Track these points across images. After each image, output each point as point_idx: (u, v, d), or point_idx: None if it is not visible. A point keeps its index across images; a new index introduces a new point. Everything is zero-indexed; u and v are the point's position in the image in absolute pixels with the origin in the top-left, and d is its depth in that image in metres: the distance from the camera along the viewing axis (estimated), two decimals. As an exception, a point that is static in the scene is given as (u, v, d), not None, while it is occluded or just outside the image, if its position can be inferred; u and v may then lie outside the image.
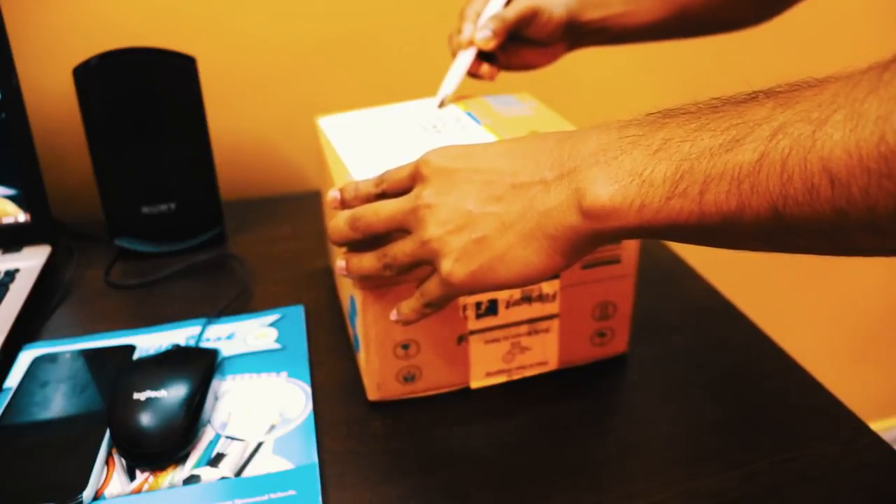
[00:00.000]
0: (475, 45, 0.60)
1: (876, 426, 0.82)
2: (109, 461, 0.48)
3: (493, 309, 0.52)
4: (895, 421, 1.44)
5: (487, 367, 0.54)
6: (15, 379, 0.55)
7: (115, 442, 0.48)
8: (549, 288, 0.53)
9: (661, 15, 0.63)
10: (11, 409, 0.51)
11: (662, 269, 0.70)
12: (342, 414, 0.53)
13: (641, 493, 0.46)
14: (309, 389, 0.54)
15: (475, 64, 0.62)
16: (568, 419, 0.52)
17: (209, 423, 0.51)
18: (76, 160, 0.77)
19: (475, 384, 0.55)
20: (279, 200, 0.86)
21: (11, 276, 0.66)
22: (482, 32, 0.59)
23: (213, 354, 0.54)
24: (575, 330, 0.55)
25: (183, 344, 0.59)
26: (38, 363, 0.56)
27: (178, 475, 0.47)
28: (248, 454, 0.48)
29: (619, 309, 0.55)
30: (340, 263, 0.47)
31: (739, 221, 0.31)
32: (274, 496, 0.45)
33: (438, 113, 0.60)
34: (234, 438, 0.50)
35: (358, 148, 0.55)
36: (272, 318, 0.63)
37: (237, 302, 0.66)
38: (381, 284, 0.49)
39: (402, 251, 0.42)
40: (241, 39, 0.83)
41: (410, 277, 0.47)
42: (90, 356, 0.57)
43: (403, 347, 0.52)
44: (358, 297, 0.49)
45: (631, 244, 0.53)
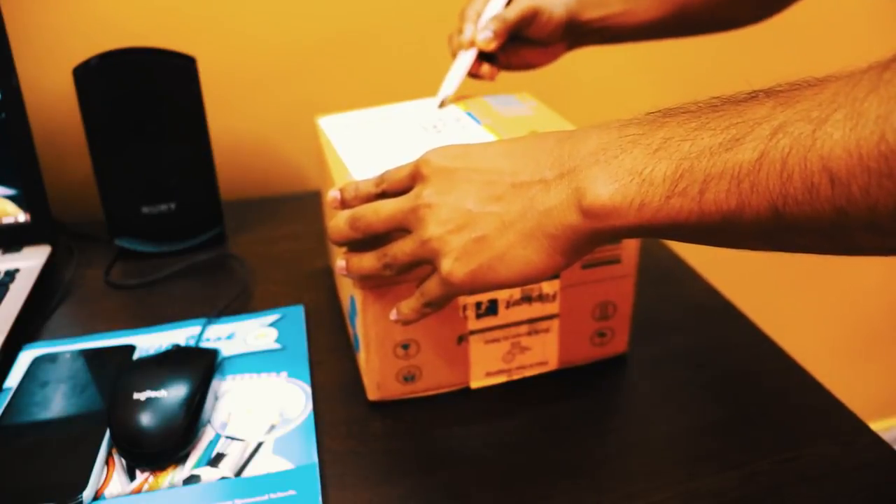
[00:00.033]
0: (476, 46, 0.60)
1: (876, 426, 0.82)
2: (109, 461, 0.48)
3: (493, 309, 0.52)
4: (895, 421, 1.44)
5: (487, 367, 0.54)
6: (15, 379, 0.55)
7: (115, 442, 0.48)
8: (549, 288, 0.53)
9: (659, 14, 0.63)
10: (11, 409, 0.51)
11: (662, 268, 0.70)
12: (342, 414, 0.53)
13: (641, 493, 0.46)
14: (309, 389, 0.54)
15: (476, 64, 0.62)
16: (568, 419, 0.52)
17: (209, 423, 0.51)
18: (76, 160, 0.77)
19: (475, 384, 0.55)
20: (279, 200, 0.86)
21: (11, 276, 0.66)
22: (483, 33, 0.59)
23: (213, 354, 0.54)
24: (575, 330, 0.55)
25: (183, 344, 0.59)
26: (38, 363, 0.56)
27: (178, 475, 0.47)
28: (248, 454, 0.48)
29: (619, 309, 0.55)
30: (340, 263, 0.47)
31: (739, 220, 0.31)
32: (274, 496, 0.45)
33: (438, 113, 0.60)
34: (234, 438, 0.50)
35: (358, 148, 0.55)
36: (272, 318, 0.63)
37: (237, 302, 0.66)
38: (381, 284, 0.49)
39: (402, 251, 0.42)
40: (241, 39, 0.83)
41: (410, 277, 0.47)
42: (90, 356, 0.57)
43: (403, 347, 0.52)
44: (358, 296, 0.49)
45: (631, 244, 0.53)
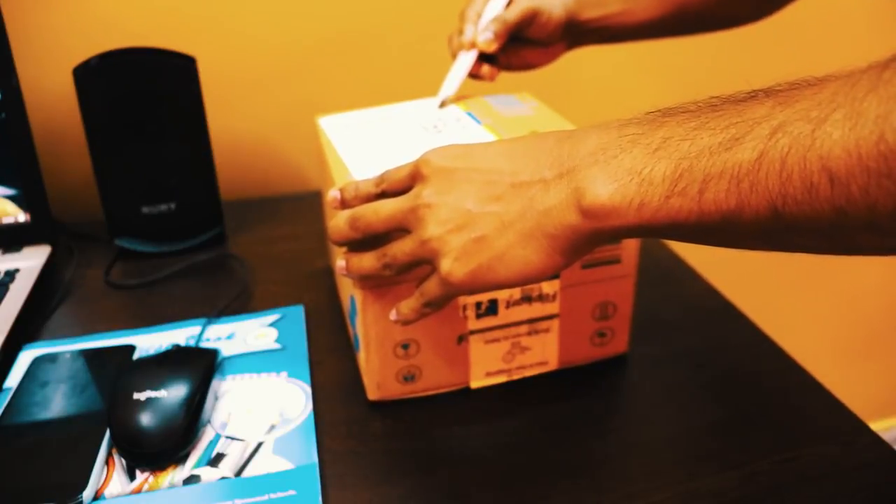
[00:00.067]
0: (477, 47, 0.60)
1: (876, 426, 0.82)
2: (109, 461, 0.48)
3: (493, 309, 0.52)
4: (895, 421, 1.44)
5: (487, 366, 0.54)
6: (15, 379, 0.55)
7: (115, 442, 0.48)
8: (549, 288, 0.53)
9: (658, 13, 0.63)
10: (11, 409, 0.51)
11: (662, 268, 0.70)
12: (342, 414, 0.53)
13: (641, 493, 0.46)
14: (309, 389, 0.54)
15: (476, 65, 0.62)
16: (568, 419, 0.52)
17: (209, 423, 0.51)
18: (76, 160, 0.77)
19: (475, 384, 0.55)
20: (279, 200, 0.86)
21: (11, 276, 0.66)
22: (484, 35, 0.59)
23: (213, 354, 0.54)
24: (575, 330, 0.55)
25: (183, 344, 0.59)
26: (38, 363, 0.56)
27: (178, 475, 0.47)
28: (248, 454, 0.48)
29: (619, 309, 0.55)
30: (340, 263, 0.47)
31: (739, 220, 0.31)
32: (274, 496, 0.45)
33: (439, 113, 0.60)
34: (234, 438, 0.50)
35: (358, 148, 0.55)
36: (272, 318, 0.63)
37: (237, 302, 0.66)
38: (381, 284, 0.49)
39: (401, 251, 0.42)
40: (241, 39, 0.83)
41: (410, 277, 0.47)
42: (90, 356, 0.57)
43: (403, 347, 0.52)
44: (358, 296, 0.49)
45: (631, 244, 0.53)
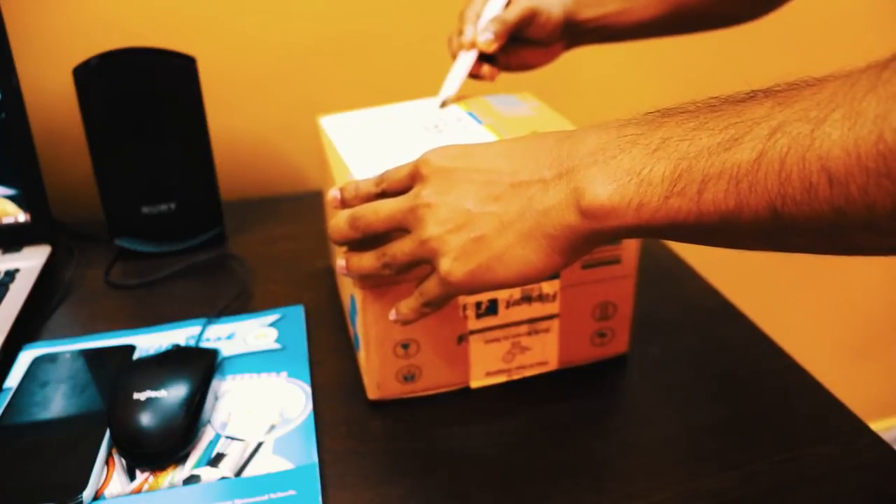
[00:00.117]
0: (477, 47, 0.60)
1: (876, 426, 0.82)
2: (109, 461, 0.48)
3: (493, 309, 0.52)
4: (895, 421, 1.44)
5: (487, 366, 0.54)
6: (15, 379, 0.55)
7: (115, 442, 0.48)
8: (549, 288, 0.53)
9: (657, 12, 0.63)
10: (11, 409, 0.51)
11: (662, 268, 0.70)
12: (342, 414, 0.53)
13: (641, 493, 0.46)
14: (309, 389, 0.54)
15: (476, 65, 0.62)
16: (568, 419, 0.52)
17: (209, 423, 0.51)
18: (76, 160, 0.77)
19: (475, 384, 0.55)
20: (279, 200, 0.86)
21: (11, 276, 0.66)
22: (484, 35, 0.60)
23: (213, 354, 0.54)
24: (575, 330, 0.55)
25: (183, 344, 0.59)
26: (38, 363, 0.56)
27: (178, 475, 0.47)
28: (248, 454, 0.48)
29: (619, 309, 0.55)
30: (340, 262, 0.47)
31: (738, 220, 0.31)
32: (274, 496, 0.45)
33: (440, 113, 0.60)
34: (234, 438, 0.50)
35: (359, 147, 0.55)
36: (272, 318, 0.63)
37: (237, 302, 0.66)
38: (381, 283, 0.49)
39: (401, 250, 0.42)
40: (241, 39, 0.83)
41: (410, 277, 0.47)
42: (90, 356, 0.57)
43: (403, 347, 0.52)
44: (358, 296, 0.49)
45: (631, 244, 0.53)
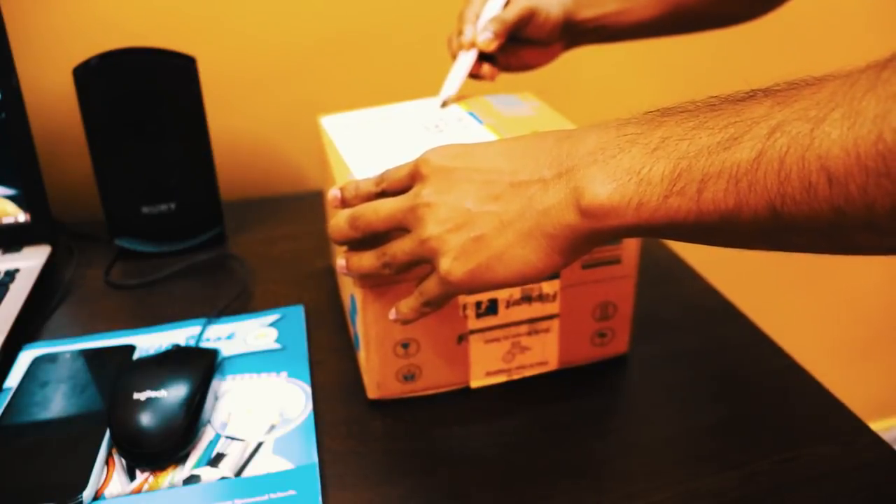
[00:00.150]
0: (477, 47, 0.60)
1: (876, 426, 0.82)
2: (109, 461, 0.48)
3: (493, 308, 0.52)
4: (895, 421, 1.44)
5: (487, 366, 0.54)
6: (15, 379, 0.55)
7: (115, 442, 0.48)
8: (549, 288, 0.53)
9: (656, 12, 0.63)
10: (11, 409, 0.51)
11: (662, 268, 0.70)
12: (342, 414, 0.53)
13: (641, 493, 0.46)
14: (309, 389, 0.54)
15: (476, 65, 0.62)
16: (568, 419, 0.52)
17: (209, 423, 0.51)
18: (76, 160, 0.77)
19: (475, 384, 0.55)
20: (279, 200, 0.86)
21: (11, 276, 0.66)
22: (484, 34, 0.60)
23: (213, 354, 0.54)
24: (575, 330, 0.55)
25: (183, 344, 0.59)
26: (38, 363, 0.56)
27: (178, 475, 0.47)
28: (248, 454, 0.48)
29: (619, 309, 0.55)
30: (341, 262, 0.47)
31: (737, 220, 0.31)
32: (274, 496, 0.45)
33: (440, 112, 0.60)
34: (234, 438, 0.50)
35: (360, 147, 0.55)
36: (272, 318, 0.63)
37: (237, 302, 0.66)
38: (381, 283, 0.49)
39: (401, 250, 0.42)
40: (241, 39, 0.83)
41: (410, 276, 0.47)
42: (90, 356, 0.57)
43: (403, 346, 0.52)
44: (358, 295, 0.49)
45: (631, 245, 0.53)
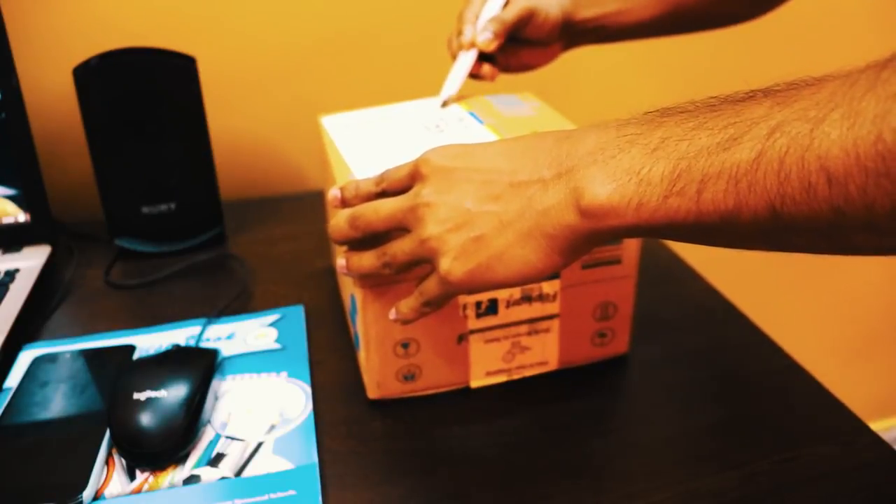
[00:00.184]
0: (477, 46, 0.60)
1: (876, 426, 0.82)
2: (109, 461, 0.48)
3: (493, 308, 0.52)
4: (895, 421, 1.44)
5: (487, 366, 0.54)
6: (15, 379, 0.55)
7: (115, 442, 0.48)
8: (549, 288, 0.53)
9: (655, 12, 0.63)
10: (11, 409, 0.51)
11: (662, 268, 0.70)
12: (342, 414, 0.53)
13: (641, 493, 0.46)
14: (309, 389, 0.54)
15: (476, 65, 0.62)
16: (568, 419, 0.52)
17: (209, 423, 0.51)
18: (76, 160, 0.77)
19: (475, 383, 0.55)
20: (279, 200, 0.86)
21: (11, 276, 0.66)
22: (483, 35, 0.60)
23: (213, 354, 0.54)
24: (575, 330, 0.55)
25: (183, 344, 0.59)
26: (38, 363, 0.56)
27: (178, 475, 0.47)
28: (248, 454, 0.48)
29: (619, 310, 0.55)
30: (341, 262, 0.47)
31: (737, 220, 0.31)
32: (274, 496, 0.45)
33: (441, 112, 0.60)
34: (234, 438, 0.50)
35: (360, 147, 0.55)
36: (272, 318, 0.63)
37: (237, 302, 0.66)
38: (381, 283, 0.49)
39: (401, 249, 0.42)
40: (241, 39, 0.83)
41: (411, 276, 0.47)
42: (90, 356, 0.57)
43: (403, 346, 0.52)
44: (358, 295, 0.49)
45: (631, 245, 0.53)
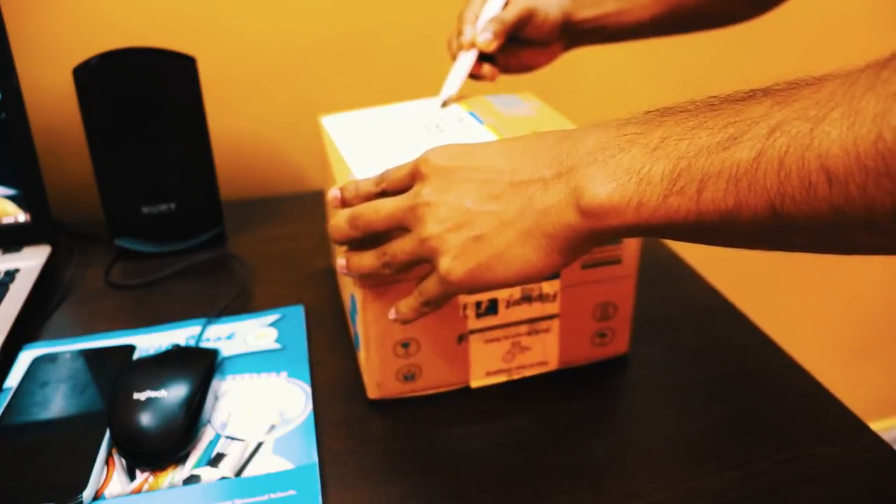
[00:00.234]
0: (477, 47, 0.60)
1: (876, 426, 0.82)
2: (109, 461, 0.48)
3: (493, 308, 0.52)
4: (895, 421, 1.44)
5: (487, 366, 0.54)
6: (15, 379, 0.55)
7: (115, 442, 0.48)
8: (549, 288, 0.53)
9: (655, 12, 0.63)
10: (11, 409, 0.51)
11: (662, 268, 0.70)
12: (342, 414, 0.53)
13: (641, 493, 0.46)
14: (309, 389, 0.54)
15: (476, 65, 0.62)
16: (568, 419, 0.52)
17: (209, 423, 0.51)
18: (76, 160, 0.77)
19: (475, 383, 0.55)
20: (279, 200, 0.86)
21: (11, 276, 0.66)
22: (483, 35, 0.60)
23: (213, 354, 0.54)
24: (575, 330, 0.55)
25: (183, 344, 0.59)
26: (38, 363, 0.56)
27: (178, 475, 0.47)
28: (248, 454, 0.48)
29: (619, 309, 0.55)
30: (341, 262, 0.47)
31: (737, 220, 0.31)
32: (274, 496, 0.45)
33: (441, 112, 0.60)
34: (234, 438, 0.50)
35: (361, 147, 0.55)
36: (272, 318, 0.63)
37: (237, 302, 0.66)
38: (381, 283, 0.49)
39: (401, 249, 0.42)
40: (241, 39, 0.83)
41: (411, 276, 0.47)
42: (90, 356, 0.57)
43: (403, 346, 0.52)
44: (358, 295, 0.49)
45: (631, 244, 0.53)
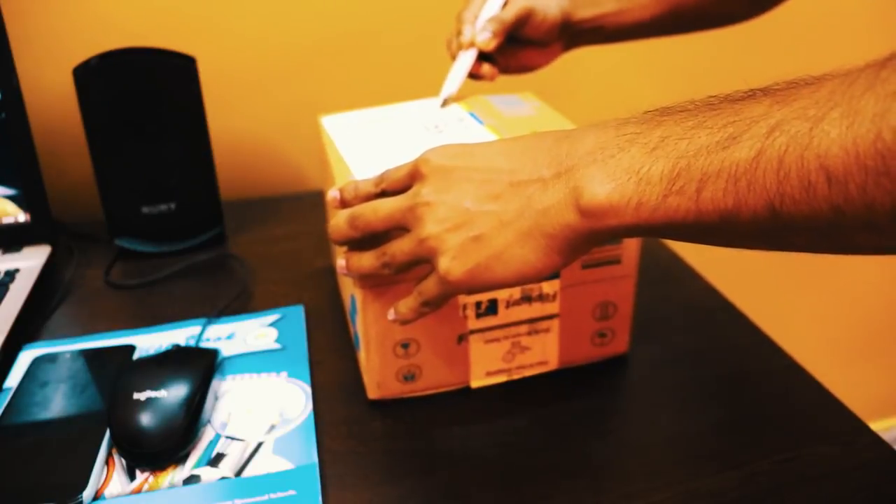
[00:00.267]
0: (476, 46, 0.60)
1: (876, 426, 0.82)
2: (109, 461, 0.48)
3: (493, 308, 0.52)
4: (895, 421, 1.44)
5: (487, 366, 0.54)
6: (15, 379, 0.55)
7: (115, 442, 0.48)
8: (549, 288, 0.53)
9: (654, 12, 0.63)
10: (11, 409, 0.51)
11: (662, 268, 0.70)
12: (342, 414, 0.53)
13: (641, 493, 0.46)
14: (309, 389, 0.54)
15: (476, 65, 0.62)
16: (568, 419, 0.52)
17: (209, 423, 0.51)
18: (76, 160, 0.77)
19: (475, 384, 0.55)
20: (279, 200, 0.86)
21: (11, 276, 0.66)
22: (483, 34, 0.60)
23: (213, 354, 0.54)
24: (575, 330, 0.55)
25: (183, 344, 0.59)
26: (38, 363, 0.56)
27: (178, 475, 0.47)
28: (248, 454, 0.48)
29: (619, 309, 0.55)
30: (340, 262, 0.47)
31: (736, 219, 0.31)
32: (274, 496, 0.45)
33: (441, 113, 0.60)
34: (234, 438, 0.50)
35: (360, 147, 0.55)
36: (272, 318, 0.63)
37: (237, 302, 0.66)
38: (381, 283, 0.49)
39: (400, 249, 0.42)
40: (241, 39, 0.83)
41: (410, 276, 0.47)
42: (90, 356, 0.57)
43: (403, 346, 0.52)
44: (358, 295, 0.49)
45: (631, 244, 0.53)
